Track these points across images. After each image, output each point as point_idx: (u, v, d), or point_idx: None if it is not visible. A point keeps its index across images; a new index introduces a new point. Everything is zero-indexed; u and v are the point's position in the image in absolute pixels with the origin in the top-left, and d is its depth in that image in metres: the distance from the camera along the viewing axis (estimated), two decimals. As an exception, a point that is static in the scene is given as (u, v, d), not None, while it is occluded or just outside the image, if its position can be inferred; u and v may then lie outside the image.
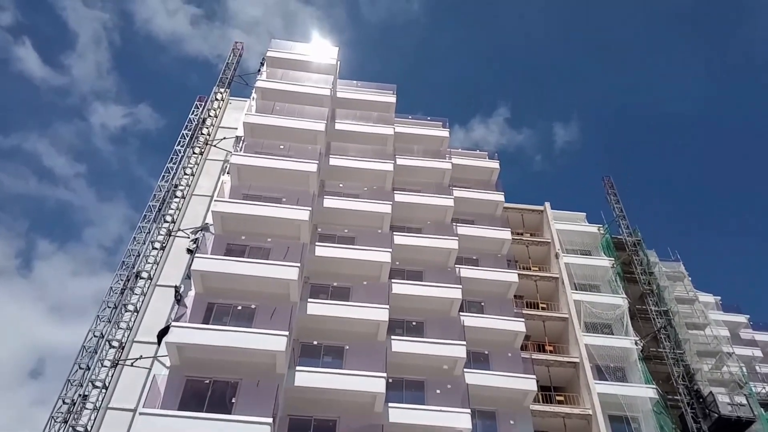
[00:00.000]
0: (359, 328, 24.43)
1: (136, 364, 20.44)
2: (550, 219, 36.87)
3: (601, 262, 34.50)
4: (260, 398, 19.68)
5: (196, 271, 22.46)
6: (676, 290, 36.15)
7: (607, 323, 31.38)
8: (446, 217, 31.32)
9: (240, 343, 20.69)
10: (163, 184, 26.59)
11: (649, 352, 30.59)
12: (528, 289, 33.10)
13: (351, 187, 30.44)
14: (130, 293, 22.16)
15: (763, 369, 37.74)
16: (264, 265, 23.41)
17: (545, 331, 31.67)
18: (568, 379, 30.13)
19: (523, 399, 25.68)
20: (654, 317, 31.64)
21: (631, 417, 27.44)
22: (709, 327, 34.82)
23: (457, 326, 26.35)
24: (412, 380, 24.82)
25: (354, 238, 28.28)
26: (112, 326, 21.04)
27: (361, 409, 22.07)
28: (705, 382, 30.37)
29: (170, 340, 20.08)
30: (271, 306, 22.49)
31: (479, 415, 24.54)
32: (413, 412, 22.91)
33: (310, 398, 21.95)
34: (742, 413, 26.84)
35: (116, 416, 19.45)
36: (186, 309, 21.35)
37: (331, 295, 26.01)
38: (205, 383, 20.60)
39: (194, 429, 18.25)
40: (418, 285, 27.60)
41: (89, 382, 19.72)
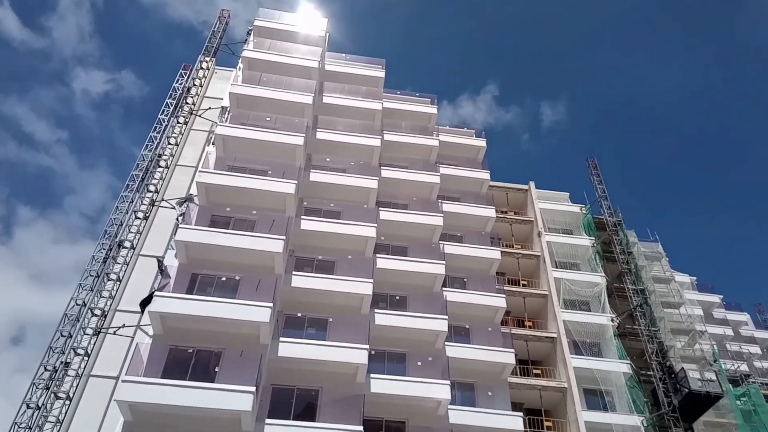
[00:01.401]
0: (343, 301, 24.68)
1: (119, 332, 20.47)
2: (534, 198, 37.27)
3: (582, 241, 35.10)
4: (244, 368, 19.88)
5: (180, 241, 22.41)
6: (654, 270, 36.99)
7: (585, 300, 32.10)
8: (432, 194, 31.51)
9: (224, 314, 20.79)
10: (147, 153, 26.29)
11: (625, 329, 31.44)
12: (510, 266, 33.61)
13: (338, 161, 30.41)
14: (113, 262, 22.07)
15: (733, 347, 39.06)
16: (249, 237, 23.42)
17: (525, 307, 32.30)
18: (545, 353, 30.88)
19: (502, 372, 26.30)
20: (631, 295, 32.40)
21: (605, 390, 28.30)
22: (684, 306, 35.79)
23: (440, 301, 26.74)
24: (394, 352, 25.25)
25: (340, 213, 28.37)
26: (94, 295, 21.00)
27: (344, 380, 22.44)
28: (677, 358, 31.35)
29: (154, 309, 20.11)
30: (256, 278, 22.58)
31: (459, 387, 25.12)
32: (394, 382, 23.36)
33: (293, 368, 22.24)
34: (711, 389, 27.76)
35: (99, 384, 19.52)
36: (169, 279, 21.35)
37: (315, 269, 26.20)
38: (189, 352, 20.74)
39: (177, 396, 18.39)
40: (402, 260, 27.88)
41: (71, 350, 19.73)
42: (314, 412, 21.98)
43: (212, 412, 18.47)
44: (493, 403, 25.36)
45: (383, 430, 23.00)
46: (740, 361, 36.66)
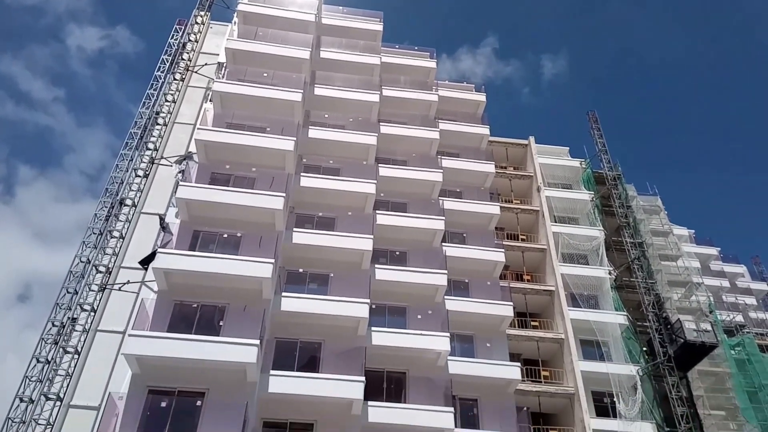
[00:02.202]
0: (344, 257, 24.94)
1: (124, 288, 20.80)
2: (534, 153, 37.17)
3: (581, 195, 35.21)
4: (247, 322, 20.28)
5: (180, 199, 22.49)
6: (652, 223, 37.25)
7: (584, 254, 32.45)
8: (431, 150, 31.41)
9: (226, 270, 21.05)
10: (144, 111, 26.10)
11: (622, 282, 31.91)
12: (509, 221, 33.83)
13: (336, 117, 30.17)
14: (115, 220, 22.24)
15: (729, 298, 39.69)
16: (249, 195, 23.49)
17: (524, 261, 32.68)
18: (543, 306, 31.45)
19: (500, 324, 26.82)
20: (629, 249, 32.72)
21: (601, 341, 28.97)
22: (681, 258, 36.19)
23: (439, 256, 27.03)
24: (394, 306, 25.66)
25: (339, 170, 28.35)
26: (98, 252, 21.25)
27: (345, 333, 22.89)
28: (674, 310, 31.93)
29: (157, 265, 20.37)
30: (257, 235, 22.77)
31: (458, 339, 25.70)
32: (395, 335, 23.85)
33: (295, 322, 22.68)
34: (707, 339, 28.39)
35: (106, 338, 19.98)
36: (172, 236, 21.55)
37: (316, 225, 26.37)
38: (193, 307, 21.13)
39: (184, 350, 18.82)
40: (402, 216, 28.02)
41: (77, 306, 20.11)
42: (317, 363, 22.54)
43: (218, 365, 18.94)
44: (491, 354, 25.97)
45: (384, 380, 23.61)
46: (736, 312, 37.33)
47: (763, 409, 30.48)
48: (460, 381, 23.81)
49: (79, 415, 18.23)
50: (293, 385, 20.63)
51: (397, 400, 22.96)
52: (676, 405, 27.26)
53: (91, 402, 18.23)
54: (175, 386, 18.96)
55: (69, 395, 18.63)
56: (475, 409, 24.85)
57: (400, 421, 21.58)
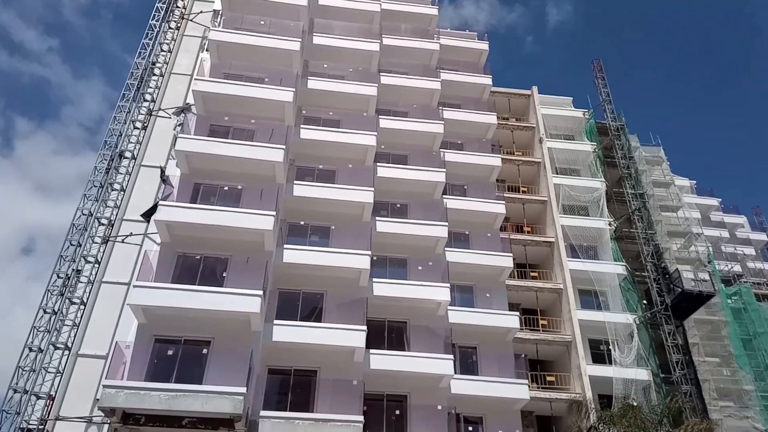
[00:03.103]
0: (345, 210, 24.98)
1: (127, 241, 20.94)
2: (537, 104, 36.70)
3: (584, 146, 34.98)
4: (250, 273, 20.49)
5: (180, 151, 22.34)
6: (654, 174, 37.14)
7: (584, 205, 32.52)
8: (432, 101, 30.96)
9: (228, 222, 21.12)
10: (140, 61, 25.58)
11: (622, 233, 32.10)
12: (510, 173, 33.73)
13: (335, 68, 29.59)
14: (115, 173, 22.17)
15: (728, 249, 40.00)
16: (249, 147, 23.29)
17: (524, 213, 32.78)
18: (543, 257, 31.74)
19: (500, 275, 27.13)
20: (630, 200, 32.75)
21: (599, 291, 29.39)
22: (682, 209, 36.27)
23: (440, 208, 27.08)
24: (395, 258, 25.88)
25: (339, 121, 28.03)
26: (99, 205, 21.29)
27: (347, 284, 23.17)
28: (672, 260, 32.24)
29: (159, 218, 20.44)
30: (258, 187, 22.72)
31: (458, 289, 26.03)
32: (396, 286, 24.16)
33: (298, 274, 22.92)
34: (704, 288, 28.78)
35: (111, 289, 20.23)
36: (173, 189, 21.51)
37: (316, 178, 26.28)
38: (196, 259, 21.34)
39: (188, 300, 19.11)
40: (402, 168, 27.88)
41: (81, 258, 20.30)
42: (320, 314, 22.95)
43: (223, 314, 19.27)
44: (491, 304, 26.38)
45: (386, 329, 24.06)
46: (734, 262, 37.69)
47: (756, 355, 31.20)
48: (459, 330, 24.27)
49: (87, 364, 18.69)
50: (297, 334, 21.06)
51: (399, 348, 23.45)
52: (671, 352, 27.89)
53: (99, 351, 18.64)
54: (180, 335, 19.38)
55: (77, 345, 19.05)
56: (475, 356, 25.44)
57: (402, 368, 22.11)
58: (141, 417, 17.23)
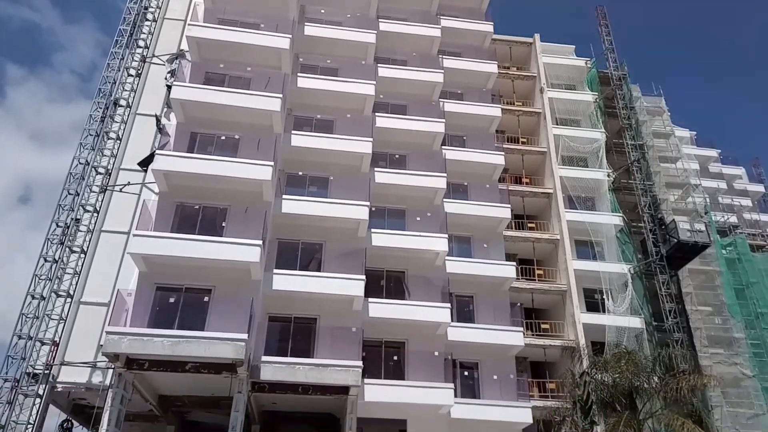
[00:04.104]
0: (343, 160, 24.83)
1: (125, 190, 20.83)
2: (538, 52, 36.02)
3: (585, 96, 34.58)
4: (249, 223, 20.52)
5: (175, 99, 21.96)
6: (654, 125, 36.86)
7: (584, 157, 32.42)
8: (432, 49, 30.29)
9: (226, 172, 20.97)
10: (133, 6, 24.78)
11: (620, 184, 32.12)
12: (510, 123, 33.43)
13: (333, 13, 28.80)
14: (111, 121, 21.85)
15: (725, 200, 40.16)
16: (246, 96, 22.86)
17: (523, 164, 32.70)
18: (540, 208, 31.88)
19: (497, 226, 27.28)
20: (629, 151, 32.62)
21: (595, 241, 29.67)
22: (681, 161, 36.21)
23: (439, 159, 26.95)
24: (394, 209, 25.99)
25: (337, 70, 27.50)
26: (96, 153, 21.09)
27: (346, 235, 23.30)
28: (669, 211, 32.42)
29: (156, 167, 20.28)
30: (255, 137, 22.49)
31: (456, 240, 26.23)
32: (394, 236, 24.34)
33: (297, 224, 23.01)
34: (700, 239, 29.02)
35: (111, 238, 20.26)
36: (169, 138, 21.28)
37: (314, 128, 26.00)
38: (195, 209, 21.32)
39: (188, 249, 19.20)
40: (401, 119, 27.58)
41: (80, 207, 20.25)
42: (319, 263, 23.16)
43: (223, 263, 19.41)
44: (488, 254, 26.64)
45: (384, 279, 24.40)
46: (731, 213, 37.89)
47: (748, 305, 31.79)
48: (457, 279, 24.60)
49: (90, 311, 18.91)
50: (296, 283, 21.33)
51: (397, 297, 23.81)
52: (664, 301, 28.38)
53: (101, 299, 18.83)
54: (181, 283, 19.58)
55: (78, 292, 19.23)
56: (471, 305, 25.90)
57: (400, 316, 22.52)
58: (145, 362, 17.59)
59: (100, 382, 17.86)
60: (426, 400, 21.16)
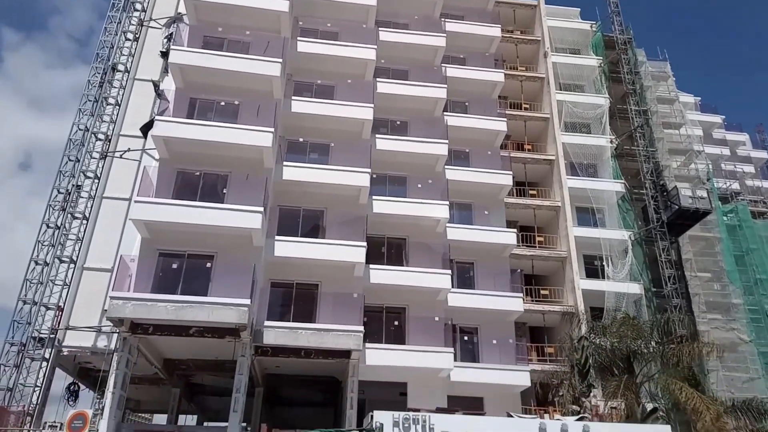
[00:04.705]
0: (344, 127, 24.64)
1: (125, 156, 20.79)
2: (543, 15, 35.36)
3: (589, 61, 34.07)
4: (250, 190, 20.48)
5: (174, 64, 21.63)
6: (659, 90, 36.42)
7: (586, 123, 32.15)
8: (435, 11, 29.73)
9: (226, 138, 20.81)
10: (128, -32, 24.31)
11: (623, 150, 31.91)
12: (513, 89, 33.03)
13: (333, -26, 28.11)
14: (110, 86, 21.65)
15: (728, 166, 39.96)
16: (245, 60, 22.49)
17: (525, 130, 32.45)
18: (542, 175, 31.77)
19: (499, 192, 27.26)
20: (633, 117, 32.30)
21: (596, 208, 29.67)
22: (684, 127, 35.88)
23: (441, 125, 26.73)
24: (395, 176, 25.94)
25: (337, 33, 27.02)
26: (95, 119, 20.96)
27: (347, 201, 23.30)
28: (672, 178, 32.33)
29: (156, 133, 20.14)
30: (255, 102, 22.24)
31: (457, 207, 26.22)
32: (396, 203, 24.36)
33: (298, 191, 22.98)
34: (701, 205, 28.97)
35: (112, 205, 20.32)
36: (168, 103, 21.05)
37: (315, 93, 25.73)
38: (196, 175, 21.26)
39: (190, 216, 19.19)
40: (403, 84, 27.26)
41: (81, 173, 20.25)
42: (320, 230, 23.25)
43: (224, 230, 19.47)
44: (489, 221, 26.69)
45: (385, 246, 24.51)
46: (733, 180, 37.75)
47: (747, 271, 31.95)
48: (457, 246, 24.70)
49: (93, 277, 19.12)
50: (298, 250, 21.45)
51: (398, 264, 23.99)
52: (664, 267, 28.52)
53: (104, 264, 19.01)
54: (184, 249, 19.70)
55: (82, 258, 19.40)
56: (472, 271, 26.09)
57: (400, 282, 22.71)
58: (149, 327, 17.85)
59: (105, 346, 18.18)
60: (426, 364, 21.50)
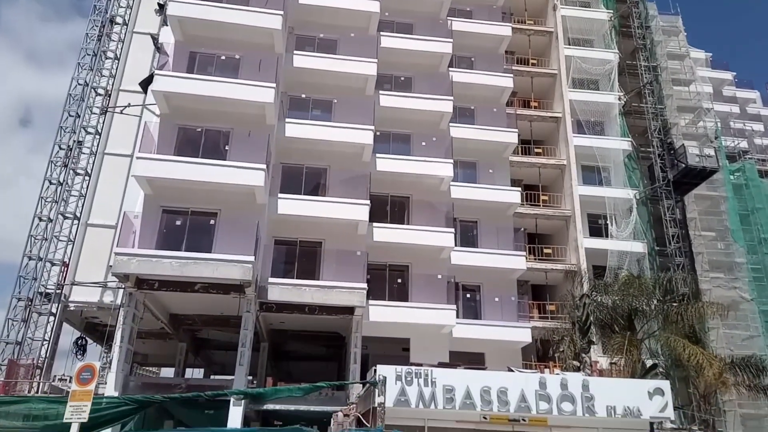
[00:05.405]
0: (347, 82, 24.21)
1: (126, 112, 20.50)
2: (554, -35, 34.12)
3: (599, 14, 33.09)
4: (252, 147, 20.30)
5: (172, 16, 21.04)
6: (669, 45, 35.55)
7: (595, 79, 31.47)
8: (440, -38, 28.72)
9: (227, 94, 20.51)
10: None
11: (631, 107, 31.35)
12: (520, 44, 32.25)
13: None
14: (108, 40, 21.19)
15: (737, 124, 39.35)
16: (245, 13, 21.88)
17: (532, 87, 31.85)
18: (548, 133, 31.36)
19: (504, 151, 26.96)
20: (642, 72, 31.62)
21: (602, 167, 29.34)
22: (694, 83, 35.16)
23: (446, 82, 26.23)
24: (398, 133, 25.62)
25: (339, -14, 26.20)
26: (94, 74, 20.60)
27: (350, 159, 23.07)
28: (679, 136, 31.86)
29: (156, 88, 19.80)
30: (256, 57, 21.80)
31: (461, 165, 26.00)
32: (399, 161, 24.13)
33: (300, 148, 22.75)
34: (708, 164, 28.63)
35: (114, 161, 20.20)
36: (168, 57, 20.61)
37: (317, 48, 25.18)
38: (197, 131, 21.05)
39: (193, 172, 19.10)
40: (407, 38, 26.61)
41: (81, 129, 20.05)
42: (323, 188, 23.13)
43: (227, 187, 19.40)
44: (493, 180, 26.49)
45: (389, 204, 24.43)
46: (742, 138, 37.24)
47: (752, 230, 31.87)
48: (461, 205, 24.60)
49: (97, 233, 19.18)
50: (301, 208, 21.40)
51: (401, 222, 23.95)
52: (668, 226, 28.43)
53: (108, 221, 19.03)
54: (187, 206, 19.69)
55: (85, 214, 19.42)
56: (475, 230, 26.06)
57: (404, 240, 22.73)
58: (154, 282, 18.00)
59: (111, 301, 18.37)
60: (428, 321, 21.72)
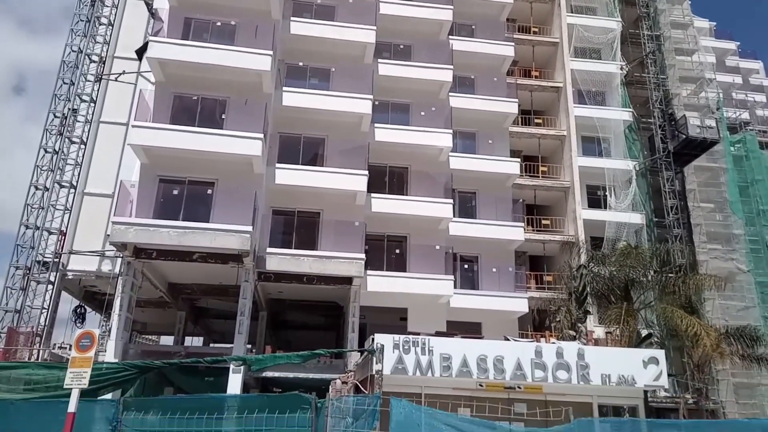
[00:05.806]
0: (345, 50, 23.84)
1: (121, 79, 20.21)
2: (555, -69, 33.27)
3: (604, -21, 32.40)
4: (249, 116, 20.11)
5: (166, -20, 20.69)
6: (673, 14, 34.86)
7: (597, 48, 31.01)
8: (441, -75, 27.95)
9: (223, 61, 20.17)
10: None
11: (633, 77, 31.00)
12: (522, 11, 31.67)
13: None
14: (101, 5, 20.75)
15: (739, 95, 38.94)
16: (240, -25, 21.50)
17: (533, 56, 31.41)
18: (549, 103, 31.05)
19: (503, 121, 26.72)
20: (645, 42, 31.16)
21: (602, 138, 29.13)
22: (697, 53, 34.64)
23: (446, 50, 25.83)
24: (397, 103, 25.34)
25: (337, -50, 25.60)
26: (88, 40, 20.23)
27: (348, 129, 22.87)
28: (681, 106, 31.54)
29: (151, 55, 19.47)
30: (252, 23, 21.39)
31: (460, 135, 25.80)
32: (398, 131, 23.93)
33: (298, 118, 22.53)
34: (709, 135, 28.42)
35: (110, 129, 20.00)
36: (162, 24, 20.24)
37: (314, 14, 24.73)
38: (194, 99, 20.79)
39: (189, 141, 18.92)
40: (407, 5, 26.06)
41: (76, 96, 19.79)
42: (321, 158, 22.97)
43: (224, 156, 19.23)
44: (492, 151, 26.30)
45: (387, 174, 24.31)
46: (744, 109, 36.89)
47: (750, 202, 31.82)
48: (460, 175, 24.49)
49: (94, 202, 19.10)
50: (299, 178, 21.28)
51: (399, 192, 23.86)
52: (667, 198, 28.39)
53: (104, 190, 18.95)
54: (184, 176, 19.57)
55: (82, 183, 19.31)
56: (474, 201, 25.99)
57: (402, 211, 22.69)
58: (152, 251, 18.00)
59: (109, 270, 18.40)
60: (426, 291, 21.83)
